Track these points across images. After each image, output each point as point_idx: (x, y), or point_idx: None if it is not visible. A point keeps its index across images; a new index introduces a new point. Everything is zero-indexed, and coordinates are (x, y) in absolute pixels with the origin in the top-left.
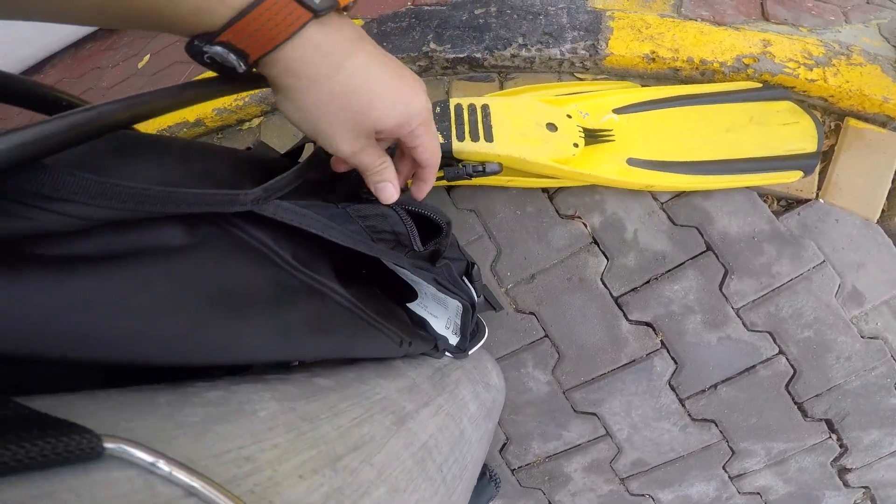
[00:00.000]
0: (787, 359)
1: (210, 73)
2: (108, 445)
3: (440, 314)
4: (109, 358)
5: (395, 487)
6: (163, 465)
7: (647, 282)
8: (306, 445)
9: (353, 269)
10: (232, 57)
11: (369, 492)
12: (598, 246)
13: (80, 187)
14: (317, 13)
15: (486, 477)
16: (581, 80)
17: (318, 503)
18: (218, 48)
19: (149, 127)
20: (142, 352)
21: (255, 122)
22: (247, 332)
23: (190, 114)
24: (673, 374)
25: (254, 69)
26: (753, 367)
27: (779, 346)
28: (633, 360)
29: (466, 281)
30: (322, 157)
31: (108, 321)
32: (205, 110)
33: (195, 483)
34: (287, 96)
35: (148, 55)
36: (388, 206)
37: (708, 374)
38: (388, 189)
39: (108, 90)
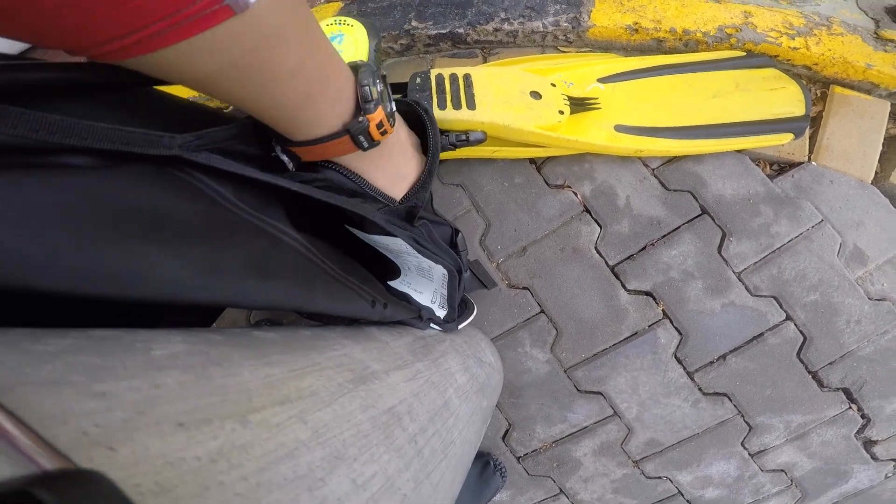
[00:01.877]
0: (796, 324)
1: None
2: None
3: (425, 289)
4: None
5: (338, 453)
6: None
7: (643, 248)
8: (206, 392)
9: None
10: (286, 159)
11: (295, 454)
12: (590, 214)
13: None
14: (364, 148)
15: (491, 467)
16: (565, 52)
17: (196, 459)
18: (284, 156)
19: None
20: (16, 273)
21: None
22: (160, 260)
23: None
24: (678, 346)
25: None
26: (761, 334)
27: (786, 312)
28: (636, 333)
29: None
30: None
31: None
32: (191, 90)
33: None
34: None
35: None
36: (336, 170)
37: (715, 344)
38: None
39: None
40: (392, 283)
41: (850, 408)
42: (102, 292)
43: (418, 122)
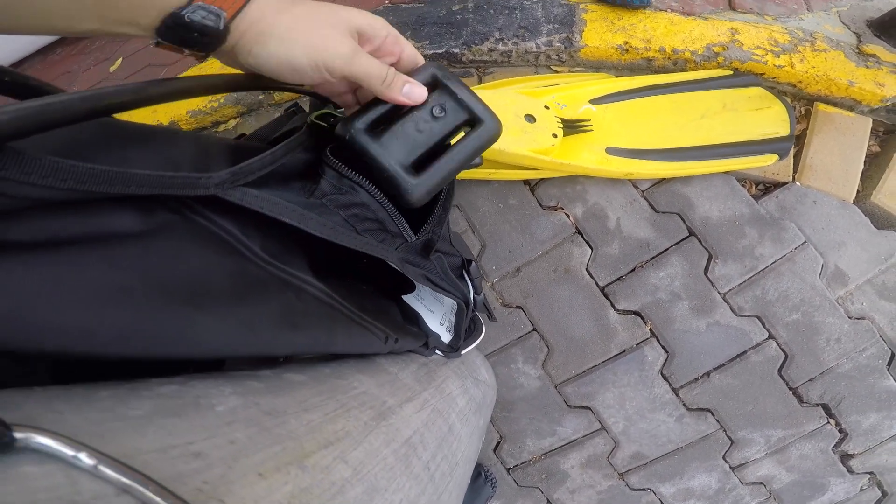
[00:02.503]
0: (778, 343)
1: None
2: (19, 435)
3: (436, 309)
4: (43, 348)
5: (373, 486)
6: (86, 459)
7: (633, 270)
8: (269, 441)
9: (341, 261)
10: (213, 8)
11: (343, 491)
12: (582, 236)
13: (12, 161)
14: None
15: (482, 477)
16: (557, 72)
17: (280, 503)
18: (198, 3)
19: None
20: (81, 343)
21: (231, 123)
22: (205, 325)
23: (164, 116)
24: (664, 364)
25: (226, 37)
26: (744, 352)
27: (768, 331)
28: (624, 351)
29: (466, 277)
30: (318, 104)
31: (39, 310)
32: (179, 112)
33: (127, 479)
34: (269, 39)
35: (120, 59)
36: (365, 189)
37: (700, 361)
38: (416, 88)
39: (83, 73)
40: (406, 298)
41: (829, 422)
42: (157, 354)
43: None
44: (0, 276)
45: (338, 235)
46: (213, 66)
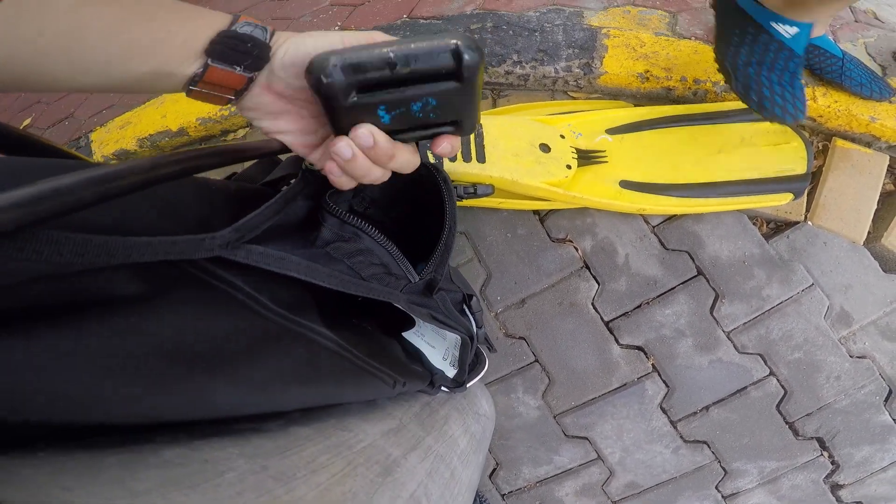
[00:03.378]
0: (778, 380)
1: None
2: None
3: (438, 345)
4: (46, 420)
5: None
6: None
7: (639, 306)
8: None
9: (345, 302)
10: (258, 29)
11: None
12: (590, 270)
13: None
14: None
15: (477, 502)
16: (574, 98)
17: None
18: (244, 22)
19: (126, 133)
20: (86, 414)
21: (241, 132)
22: (215, 389)
23: (173, 122)
24: (664, 398)
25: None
26: (745, 388)
27: (769, 368)
28: (625, 384)
29: (467, 311)
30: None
31: (39, 384)
32: (189, 119)
33: None
34: (303, 38)
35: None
36: (368, 234)
37: (699, 396)
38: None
39: (91, 94)
40: (406, 335)
41: (822, 455)
42: (165, 419)
43: (435, 188)
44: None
45: (346, 285)
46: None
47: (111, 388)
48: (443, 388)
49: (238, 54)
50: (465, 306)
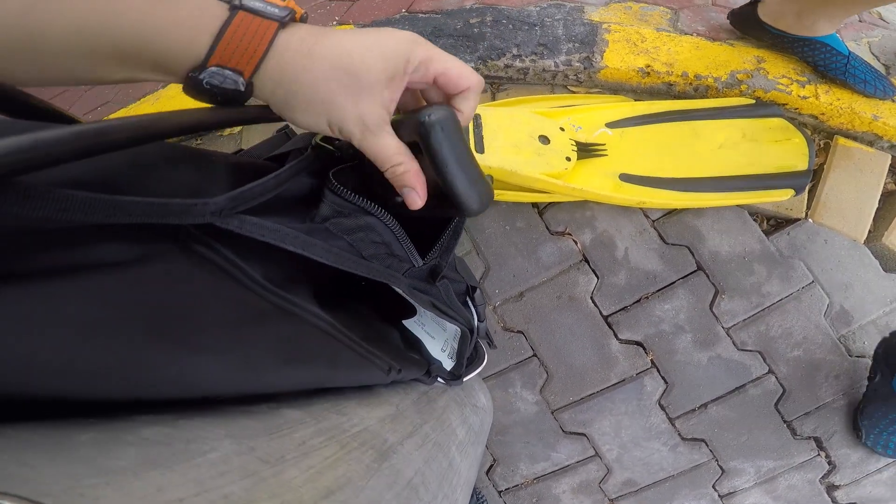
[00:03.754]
0: (777, 378)
1: None
2: None
3: (437, 335)
4: (15, 392)
5: None
6: None
7: (638, 301)
8: (266, 494)
9: (343, 284)
10: (229, 73)
11: None
12: (589, 264)
13: None
14: (281, 21)
15: (474, 499)
16: (574, 92)
17: None
18: (213, 68)
19: None
20: (52, 385)
21: (237, 128)
22: (196, 364)
23: None
24: (663, 394)
25: (251, 93)
26: (743, 386)
27: (768, 366)
28: (623, 380)
29: (470, 303)
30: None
31: (6, 350)
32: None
33: None
34: (287, 108)
35: None
36: (371, 212)
37: (698, 393)
38: (413, 197)
39: (86, 91)
40: (407, 323)
41: (819, 455)
42: (142, 397)
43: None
44: None
45: (344, 261)
46: None
47: (80, 357)
48: (439, 379)
49: (212, 101)
50: (468, 298)
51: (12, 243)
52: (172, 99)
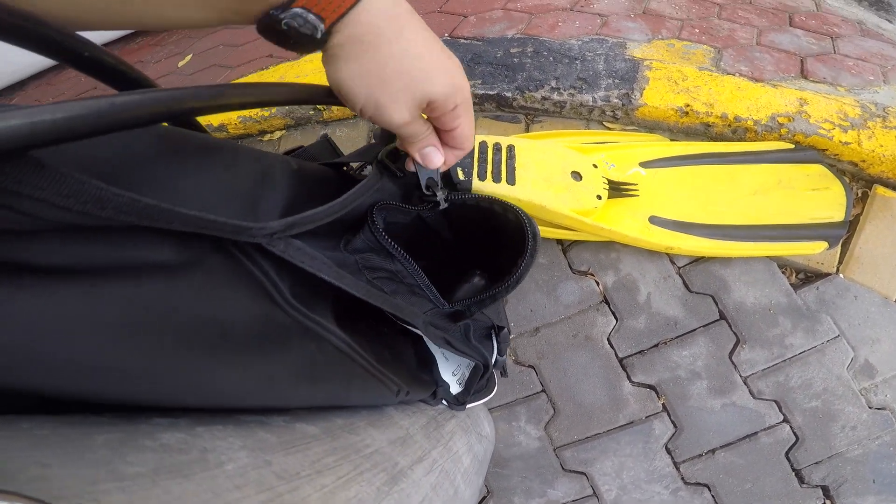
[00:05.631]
0: (791, 426)
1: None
2: None
3: (452, 358)
4: (41, 388)
5: None
6: None
7: (655, 345)
8: None
9: (363, 302)
10: (311, 17)
11: None
12: (609, 306)
13: (47, 179)
14: None
15: None
16: (609, 129)
17: None
18: (298, 9)
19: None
20: (83, 386)
21: (277, 134)
22: (222, 376)
23: (214, 118)
24: (671, 438)
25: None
26: (755, 433)
27: (784, 415)
28: (632, 422)
29: (494, 338)
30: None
31: (43, 346)
32: (230, 116)
33: None
34: (349, 63)
35: (190, 55)
36: (402, 263)
37: (707, 438)
38: (434, 154)
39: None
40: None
41: (825, 503)
42: (168, 403)
43: (519, 228)
44: (6, 306)
45: (370, 295)
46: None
47: (119, 361)
48: (443, 401)
49: (281, 41)
50: (493, 331)
51: (59, 235)
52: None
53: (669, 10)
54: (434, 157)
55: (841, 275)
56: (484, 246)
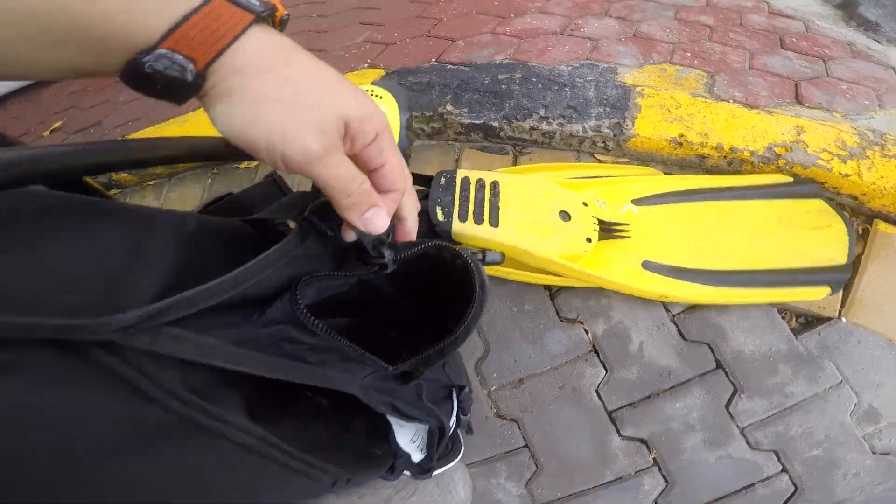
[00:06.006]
0: (791, 477)
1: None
2: None
3: (407, 424)
4: None
5: None
6: None
7: (647, 397)
8: None
9: None
10: (179, 58)
11: None
12: (598, 356)
13: None
14: (259, 15)
15: None
16: (601, 161)
17: None
18: (163, 50)
19: None
20: None
21: (254, 162)
22: (88, 489)
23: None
24: (662, 493)
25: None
26: (752, 485)
27: (783, 465)
28: (620, 478)
29: (454, 397)
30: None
31: None
32: None
33: None
34: (234, 100)
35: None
36: (326, 340)
37: (701, 492)
38: (379, 216)
39: (123, 104)
40: None
41: None
42: None
43: (468, 277)
44: None
45: (287, 373)
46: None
47: None
48: (405, 472)
49: (151, 92)
50: (452, 392)
51: None
52: (199, 122)
53: (660, 34)
54: (379, 221)
55: (843, 318)
56: (434, 296)
